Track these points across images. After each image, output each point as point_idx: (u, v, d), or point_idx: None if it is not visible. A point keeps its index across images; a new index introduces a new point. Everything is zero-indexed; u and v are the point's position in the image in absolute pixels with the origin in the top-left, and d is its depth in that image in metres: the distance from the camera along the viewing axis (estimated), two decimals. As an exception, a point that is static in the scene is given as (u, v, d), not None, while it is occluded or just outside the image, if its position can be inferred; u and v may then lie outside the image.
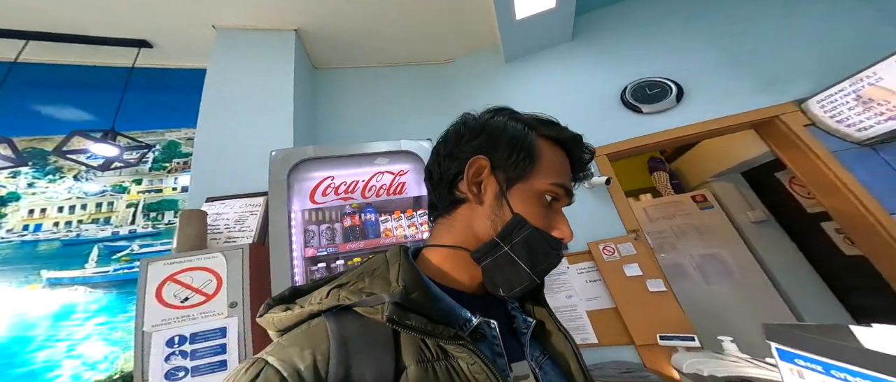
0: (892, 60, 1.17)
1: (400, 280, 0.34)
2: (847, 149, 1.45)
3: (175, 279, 1.15)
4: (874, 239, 1.38)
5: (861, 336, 0.48)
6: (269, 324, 0.37)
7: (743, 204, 2.55)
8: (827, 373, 0.50)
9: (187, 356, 1.10)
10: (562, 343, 0.42)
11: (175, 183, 2.33)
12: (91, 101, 2.27)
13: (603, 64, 2.09)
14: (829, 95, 1.43)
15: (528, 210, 0.38)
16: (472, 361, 0.31)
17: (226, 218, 1.45)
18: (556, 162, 0.41)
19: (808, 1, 1.78)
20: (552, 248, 0.38)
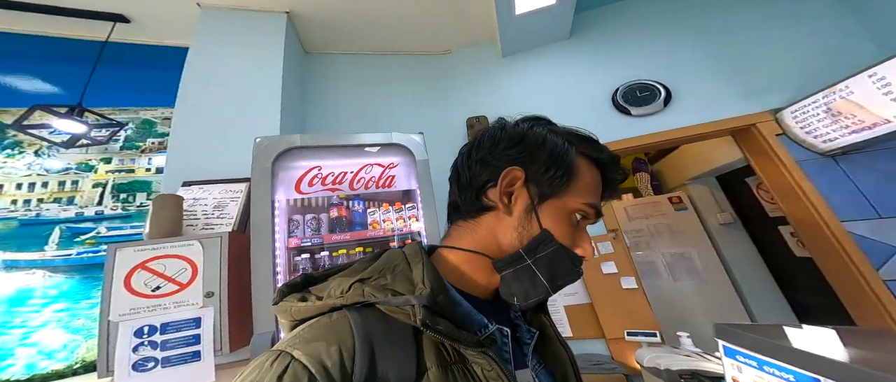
0: (865, 75, 1.23)
1: (426, 282, 0.34)
2: (811, 158, 1.53)
3: (146, 267, 1.07)
4: (823, 244, 1.48)
5: (791, 335, 0.51)
6: (285, 313, 0.36)
7: (714, 207, 2.67)
8: (760, 368, 0.54)
9: (157, 346, 1.03)
10: (559, 353, 0.43)
11: (149, 163, 2.17)
12: (57, 74, 2.06)
13: (598, 64, 2.09)
14: (802, 106, 1.50)
15: (556, 226, 0.38)
16: (489, 367, 0.31)
17: (204, 204, 1.36)
18: (591, 181, 0.40)
19: (791, 12, 1.83)
20: (574, 265, 0.38)
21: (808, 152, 1.53)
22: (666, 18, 2.08)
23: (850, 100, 1.28)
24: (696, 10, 2.02)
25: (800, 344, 0.49)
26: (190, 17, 1.86)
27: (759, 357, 0.56)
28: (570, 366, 0.42)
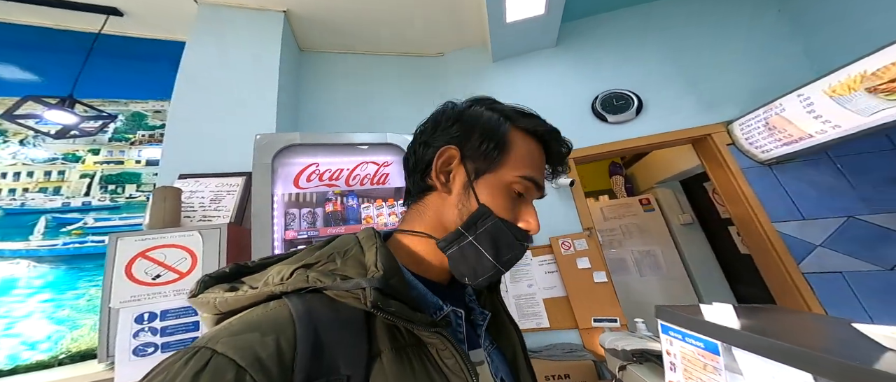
0: (794, 95, 1.38)
1: (378, 265, 0.32)
2: (752, 166, 1.71)
3: (146, 255, 1.09)
4: (759, 242, 1.67)
5: (704, 311, 0.63)
6: (206, 306, 0.31)
7: (677, 209, 2.87)
8: (683, 340, 0.66)
9: (157, 332, 1.06)
10: (509, 334, 0.44)
11: (139, 155, 2.13)
12: (49, 65, 1.98)
13: (580, 72, 2.18)
14: (747, 120, 1.66)
15: (494, 201, 0.37)
16: (443, 347, 0.31)
17: (201, 197, 1.38)
18: (528, 154, 0.39)
19: (744, 35, 1.99)
20: (517, 239, 0.37)
21: (750, 161, 1.71)
22: (640, 32, 2.19)
23: (783, 116, 1.44)
24: (665, 27, 2.15)
25: (708, 318, 0.61)
26: (185, 13, 1.83)
27: (683, 330, 0.67)
28: (518, 346, 0.43)
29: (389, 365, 0.28)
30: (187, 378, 0.22)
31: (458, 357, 0.30)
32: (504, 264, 0.37)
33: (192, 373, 0.22)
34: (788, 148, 1.49)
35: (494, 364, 0.39)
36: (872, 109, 1.14)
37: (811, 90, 1.29)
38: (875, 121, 1.16)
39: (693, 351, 0.64)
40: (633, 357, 0.99)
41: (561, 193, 1.94)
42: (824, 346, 0.47)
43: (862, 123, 1.20)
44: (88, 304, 1.74)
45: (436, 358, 0.31)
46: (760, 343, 0.50)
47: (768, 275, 1.67)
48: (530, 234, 0.38)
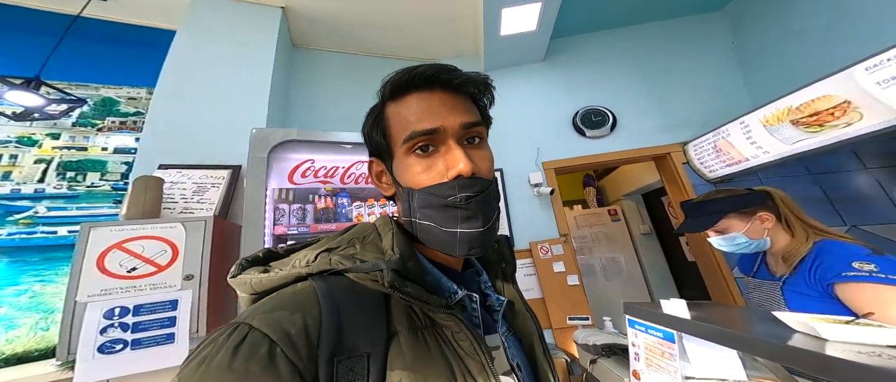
0: (737, 122, 1.58)
1: (395, 249, 0.33)
2: (701, 184, 1.91)
3: (123, 247, 1.02)
4: (703, 250, 1.87)
5: (664, 306, 0.72)
6: (244, 286, 0.32)
7: (638, 219, 3.11)
8: (646, 332, 0.75)
9: (128, 328, 0.99)
10: (527, 322, 0.43)
11: (105, 142, 1.96)
12: (16, 44, 1.79)
13: (564, 87, 2.30)
14: (699, 142, 1.86)
15: (409, 177, 0.35)
16: (458, 329, 0.31)
17: (182, 188, 1.31)
18: (403, 113, 0.36)
19: (698, 67, 2.21)
20: (445, 196, 0.33)
21: (700, 179, 1.91)
22: (617, 53, 2.33)
23: (728, 140, 1.64)
24: (637, 50, 2.33)
25: (666, 311, 0.70)
26: (178, 2, 1.75)
27: (646, 323, 0.76)
28: (536, 336, 0.42)
29: (406, 344, 0.29)
30: (230, 349, 0.24)
31: (473, 339, 0.31)
32: (460, 225, 0.33)
33: (233, 345, 0.24)
34: (730, 169, 1.70)
35: (511, 350, 0.38)
36: (794, 139, 1.35)
37: (750, 118, 1.49)
38: (796, 149, 1.37)
39: (654, 341, 0.72)
40: (602, 351, 1.08)
41: (542, 201, 2.04)
42: (749, 329, 0.56)
43: (786, 150, 1.41)
44: (31, 301, 1.54)
45: (451, 340, 0.31)
46: (703, 329, 0.59)
47: (708, 279, 1.89)
48: (463, 177, 0.33)
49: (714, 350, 0.65)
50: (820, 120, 1.23)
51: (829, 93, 1.16)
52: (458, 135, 0.35)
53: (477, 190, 0.33)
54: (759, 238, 0.83)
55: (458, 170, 0.33)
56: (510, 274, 0.47)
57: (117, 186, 1.95)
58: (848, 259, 0.66)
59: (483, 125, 0.38)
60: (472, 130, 0.36)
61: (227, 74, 1.61)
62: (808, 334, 0.49)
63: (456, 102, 0.36)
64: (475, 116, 0.37)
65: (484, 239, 0.34)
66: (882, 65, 1.02)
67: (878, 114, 1.10)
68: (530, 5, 1.79)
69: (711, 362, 0.68)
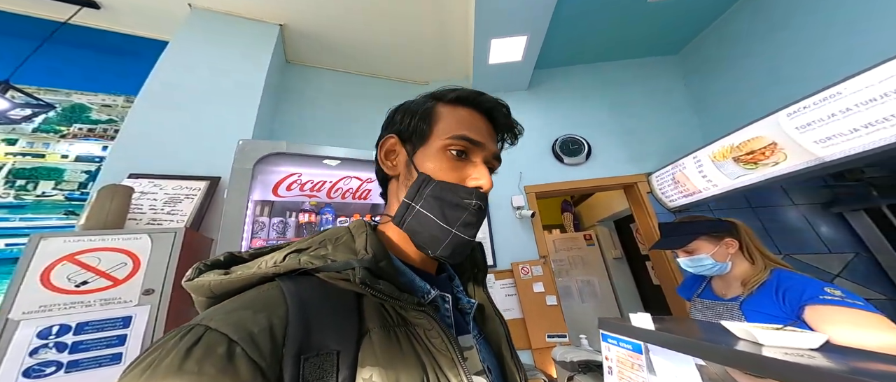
0: (690, 157, 1.74)
1: (368, 248, 0.32)
2: (663, 212, 2.06)
3: (75, 259, 0.92)
4: (666, 275, 1.99)
5: (632, 319, 0.76)
6: (201, 289, 0.31)
7: (610, 244, 3.24)
8: (618, 345, 0.78)
9: (65, 349, 0.87)
10: (496, 326, 0.43)
11: (67, 150, 1.83)
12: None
13: (545, 115, 2.44)
14: (661, 173, 2.02)
15: (434, 168, 0.37)
16: (430, 327, 0.31)
17: (152, 198, 1.23)
18: (456, 118, 0.39)
19: (663, 104, 2.43)
20: (462, 197, 0.36)
21: (661, 208, 2.07)
22: (592, 87, 2.49)
23: (684, 173, 1.80)
24: (609, 86, 2.54)
25: (636, 324, 0.74)
26: (173, 13, 1.74)
27: (617, 336, 0.79)
28: (504, 339, 0.42)
29: (378, 342, 0.28)
30: (181, 352, 0.22)
31: (445, 337, 0.30)
32: (458, 227, 0.35)
33: (185, 348, 0.22)
34: (686, 199, 1.86)
35: (482, 352, 0.39)
36: (736, 174, 1.52)
37: (701, 154, 1.67)
38: (738, 183, 1.53)
39: (625, 354, 0.75)
40: (579, 367, 1.08)
41: (524, 224, 2.10)
42: (702, 338, 0.61)
43: (730, 185, 1.57)
44: None
45: (423, 338, 0.31)
46: (664, 338, 0.64)
47: (671, 300, 1.99)
48: (482, 190, 0.37)
49: (676, 363, 0.69)
50: (754, 158, 1.40)
51: (760, 135, 1.34)
52: (488, 159, 0.40)
53: (485, 205, 0.37)
54: (723, 261, 0.91)
55: (481, 184, 0.37)
56: (481, 279, 0.47)
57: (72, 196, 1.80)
58: (820, 285, 0.76)
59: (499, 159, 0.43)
60: (495, 162, 0.42)
61: (217, 87, 1.59)
62: (749, 340, 0.55)
63: (493, 134, 0.43)
64: (499, 151, 0.43)
65: (466, 248, 0.37)
66: (800, 111, 1.20)
67: (798, 155, 1.26)
68: (517, 37, 1.95)
69: (674, 374, 0.72)
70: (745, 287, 0.87)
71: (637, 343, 0.72)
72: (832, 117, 1.12)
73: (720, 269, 0.91)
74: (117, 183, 1.12)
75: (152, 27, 1.89)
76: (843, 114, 1.09)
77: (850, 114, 1.08)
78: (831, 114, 1.12)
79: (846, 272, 1.83)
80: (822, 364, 0.41)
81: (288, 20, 1.94)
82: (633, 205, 2.29)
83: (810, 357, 0.44)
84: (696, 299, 1.03)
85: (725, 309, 0.90)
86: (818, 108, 1.15)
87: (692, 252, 0.94)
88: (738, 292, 0.89)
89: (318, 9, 1.89)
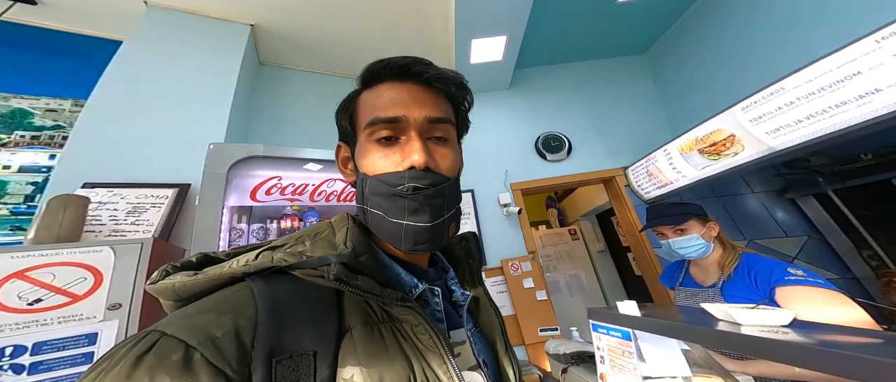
0: (661, 150, 1.85)
1: (348, 242, 0.31)
2: (640, 204, 2.17)
3: (25, 276, 0.84)
4: (646, 266, 2.09)
5: (619, 307, 0.80)
6: (166, 292, 0.29)
7: (594, 238, 3.37)
8: (607, 333, 0.81)
9: (23, 370, 0.80)
10: (491, 318, 0.43)
11: (9, 160, 1.65)
12: None
13: (527, 114, 2.50)
14: (636, 167, 2.13)
15: (367, 163, 0.34)
16: (416, 323, 0.29)
17: (113, 209, 1.14)
18: (371, 102, 0.36)
19: (636, 100, 2.56)
20: (394, 185, 0.32)
21: (638, 200, 2.18)
22: (571, 85, 2.59)
23: (656, 165, 1.91)
24: (586, 84, 2.65)
25: (623, 311, 0.77)
26: (126, 11, 1.63)
27: (606, 325, 0.82)
28: (499, 330, 0.42)
29: (360, 340, 0.27)
30: (130, 360, 0.20)
31: (433, 333, 0.29)
32: (408, 217, 0.32)
33: (136, 355, 0.21)
34: (660, 190, 1.98)
35: (477, 346, 0.38)
36: (702, 165, 1.63)
37: (671, 147, 1.78)
38: (703, 174, 1.65)
39: (614, 342, 0.78)
40: (572, 359, 1.12)
41: (511, 221, 2.14)
42: (684, 321, 0.65)
43: (697, 175, 1.69)
44: None
45: (410, 335, 0.29)
46: (650, 323, 0.68)
47: (653, 290, 2.10)
48: (416, 169, 0.32)
49: (663, 349, 0.73)
50: (717, 149, 1.51)
51: (721, 128, 1.45)
52: (421, 128, 0.34)
53: (427, 183, 0.32)
54: (709, 242, 0.96)
55: (412, 161, 0.32)
56: (476, 269, 0.46)
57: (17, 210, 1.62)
58: (784, 266, 0.82)
59: (450, 123, 0.36)
60: (439, 126, 0.35)
61: (181, 89, 1.50)
62: (728, 320, 0.59)
63: (426, 97, 0.36)
64: (444, 113, 0.36)
65: (431, 235, 0.33)
66: (752, 105, 1.31)
67: (754, 145, 1.38)
68: (497, 37, 1.99)
69: (662, 360, 0.76)
70: (723, 271, 0.93)
71: (626, 330, 0.75)
72: (779, 110, 1.23)
73: (705, 251, 0.96)
74: (70, 193, 1.02)
75: (102, 26, 1.75)
76: (788, 106, 1.20)
77: (794, 107, 1.19)
78: (778, 107, 1.23)
79: (802, 254, 2.01)
80: (795, 339, 0.45)
81: (259, 20, 1.87)
82: (613, 199, 2.39)
83: (784, 333, 0.48)
84: (679, 288, 1.08)
85: (708, 296, 0.95)
86: (767, 102, 1.26)
87: (685, 230, 0.97)
88: (715, 278, 0.95)
89: (290, 8, 1.84)
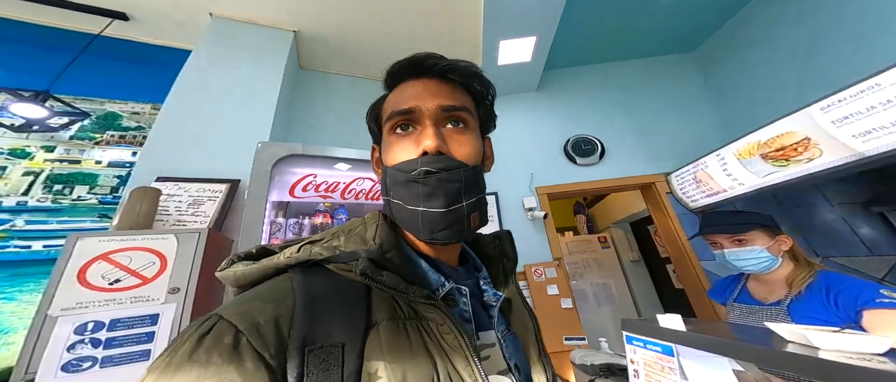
0: (714, 155, 1.67)
1: (376, 239, 0.32)
2: (684, 213, 1.98)
3: (109, 258, 0.97)
4: (690, 278, 1.90)
5: (660, 320, 0.73)
6: (230, 279, 0.33)
7: (627, 247, 3.14)
8: (645, 347, 0.74)
9: (100, 344, 0.91)
10: (524, 320, 0.41)
11: (101, 156, 1.93)
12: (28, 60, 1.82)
13: (556, 116, 2.41)
14: (681, 173, 1.94)
15: (387, 155, 0.36)
16: (441, 322, 0.29)
17: (178, 201, 1.28)
18: (393, 99, 0.38)
19: (683, 105, 2.34)
20: (409, 171, 0.33)
21: (682, 208, 1.99)
22: (603, 88, 2.46)
23: (706, 172, 1.72)
24: (622, 85, 2.49)
25: (665, 325, 0.70)
26: (196, 23, 1.84)
27: (645, 338, 0.75)
28: (532, 334, 0.40)
29: (385, 335, 0.27)
30: (194, 339, 0.24)
31: (458, 333, 0.29)
32: (423, 203, 0.32)
33: (198, 335, 0.24)
34: (710, 199, 1.78)
35: (508, 348, 0.36)
36: (765, 172, 1.44)
37: (725, 151, 1.60)
38: (767, 181, 1.46)
39: (653, 356, 0.72)
40: (600, 371, 1.05)
41: (536, 225, 2.07)
42: (741, 339, 0.57)
43: (757, 183, 1.49)
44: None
45: (436, 334, 0.29)
46: (703, 341, 0.60)
47: (696, 305, 1.89)
48: (428, 154, 0.33)
49: (711, 368, 0.65)
50: (785, 154, 1.32)
51: (792, 130, 1.27)
52: (435, 117, 0.35)
53: (440, 166, 0.32)
54: (776, 256, 0.85)
55: (425, 147, 0.33)
56: (511, 270, 0.44)
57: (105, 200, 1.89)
58: (874, 287, 0.71)
59: (466, 112, 0.36)
60: (454, 113, 0.35)
61: (234, 93, 1.65)
62: (801, 343, 0.51)
63: (440, 88, 0.37)
64: (458, 102, 0.36)
65: (448, 222, 0.32)
66: (835, 105, 1.13)
67: (835, 150, 1.19)
68: (526, 39, 1.94)
69: (708, 379, 0.68)
70: (791, 288, 0.81)
71: (668, 345, 0.68)
72: (871, 110, 1.05)
73: (769, 265, 0.85)
74: (147, 185, 1.17)
75: (176, 36, 1.99)
76: (884, 105, 1.02)
77: (891, 106, 1.01)
78: (871, 107, 1.05)
79: (890, 276, 1.70)
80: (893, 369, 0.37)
81: (301, 26, 2.00)
82: (652, 206, 2.21)
83: (880, 362, 0.40)
84: (733, 304, 0.96)
85: (770, 315, 0.84)
86: (855, 101, 1.08)
87: (746, 241, 0.88)
88: (780, 295, 0.84)
89: (327, 16, 1.95)
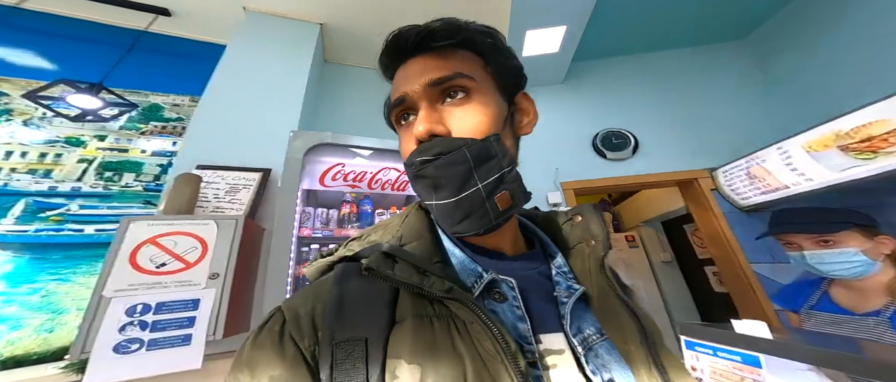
0: (774, 148, 1.50)
1: (400, 230, 0.32)
2: (733, 211, 1.81)
3: (156, 242, 1.00)
4: (737, 282, 1.74)
5: (736, 326, 0.64)
6: (309, 274, 0.36)
7: (658, 247, 2.96)
8: (714, 354, 0.66)
9: (147, 327, 0.94)
10: (620, 323, 0.30)
11: (145, 146, 2.03)
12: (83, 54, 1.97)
13: (583, 109, 2.29)
14: (730, 168, 1.77)
15: (402, 153, 0.35)
16: (470, 320, 0.26)
17: (216, 188, 1.32)
18: (392, 87, 0.36)
19: (732, 94, 2.15)
20: (411, 163, 0.31)
21: (730, 206, 1.81)
22: (638, 78, 2.31)
23: (763, 166, 1.55)
24: (659, 76, 2.32)
25: (743, 331, 0.62)
26: (231, 18, 1.91)
27: (714, 345, 0.67)
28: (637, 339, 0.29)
29: (408, 332, 0.25)
30: (259, 326, 0.28)
31: (490, 331, 0.25)
32: (435, 195, 0.30)
33: (263, 320, 0.28)
34: (766, 196, 1.61)
35: (600, 359, 0.28)
36: (843, 166, 1.26)
37: (790, 144, 1.43)
38: (845, 176, 1.27)
39: (727, 365, 0.63)
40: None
41: (561, 220, 1.98)
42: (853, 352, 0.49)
43: (833, 179, 1.31)
44: (42, 301, 1.42)
45: (469, 333, 0.25)
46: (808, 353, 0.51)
47: (744, 312, 1.73)
48: (420, 139, 0.30)
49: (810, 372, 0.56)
50: (873, 146, 1.15)
51: (884, 118, 1.10)
52: (429, 97, 0.31)
53: (435, 152, 0.29)
54: (875, 260, 0.75)
55: (415, 134, 0.30)
56: (600, 255, 0.34)
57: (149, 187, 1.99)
58: None
59: (463, 76, 0.31)
60: (447, 84, 0.31)
61: (266, 84, 1.70)
62: None
63: (427, 62, 0.32)
64: (449, 70, 0.31)
65: (464, 213, 0.29)
66: None
67: None
68: (555, 28, 1.84)
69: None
70: (894, 296, 0.70)
71: (752, 355, 0.59)
72: None
73: (864, 270, 0.75)
74: (190, 172, 1.20)
75: (214, 32, 2.08)
76: None
77: None
78: None
79: None
80: None
81: (326, 19, 2.02)
82: (692, 204, 2.05)
83: None
84: (811, 311, 0.85)
85: (861, 327, 0.73)
86: None
87: (835, 243, 0.78)
88: (879, 304, 0.72)
89: (352, 8, 1.96)
